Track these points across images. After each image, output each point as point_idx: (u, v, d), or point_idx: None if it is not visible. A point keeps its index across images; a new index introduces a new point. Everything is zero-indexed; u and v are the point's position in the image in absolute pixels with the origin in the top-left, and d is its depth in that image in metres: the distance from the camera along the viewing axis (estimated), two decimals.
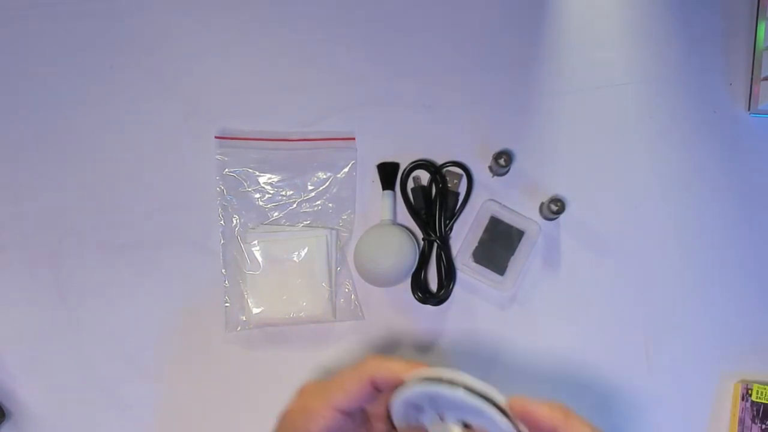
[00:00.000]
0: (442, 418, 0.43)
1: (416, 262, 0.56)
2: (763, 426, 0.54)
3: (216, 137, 0.58)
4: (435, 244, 0.56)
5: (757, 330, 0.56)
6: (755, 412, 0.54)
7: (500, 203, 0.57)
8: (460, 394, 0.39)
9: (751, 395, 0.54)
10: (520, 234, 0.56)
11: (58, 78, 0.59)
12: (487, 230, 0.56)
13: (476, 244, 0.56)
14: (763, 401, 0.54)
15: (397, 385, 0.43)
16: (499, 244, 0.56)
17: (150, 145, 0.58)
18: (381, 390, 0.46)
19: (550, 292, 0.57)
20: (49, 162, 0.58)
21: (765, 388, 0.54)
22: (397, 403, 0.43)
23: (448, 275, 0.56)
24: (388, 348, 0.57)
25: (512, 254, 0.56)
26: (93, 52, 0.59)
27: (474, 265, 0.56)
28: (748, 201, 0.57)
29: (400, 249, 0.55)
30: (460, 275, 0.57)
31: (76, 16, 0.59)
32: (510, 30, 0.59)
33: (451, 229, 0.57)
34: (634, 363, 0.56)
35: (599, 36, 0.59)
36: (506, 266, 0.56)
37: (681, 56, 0.58)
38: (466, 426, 0.42)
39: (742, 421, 0.54)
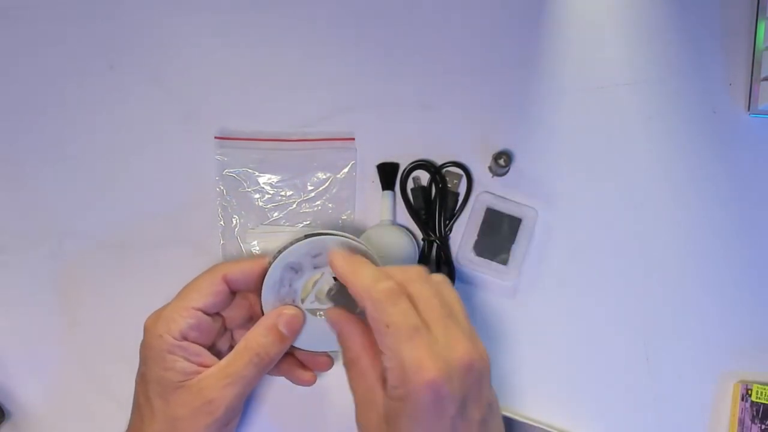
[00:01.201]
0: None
1: (416, 263, 0.56)
2: (763, 426, 0.54)
3: (216, 137, 0.58)
4: (435, 245, 0.56)
5: (756, 330, 0.56)
6: (755, 413, 0.54)
7: (494, 194, 0.57)
8: (342, 238, 0.48)
9: (750, 395, 0.54)
10: (517, 221, 0.56)
11: (57, 78, 0.59)
12: (484, 222, 0.56)
13: (476, 237, 0.56)
14: (762, 401, 0.54)
15: (248, 276, 0.49)
16: (499, 234, 0.56)
17: (150, 146, 0.58)
18: (235, 288, 0.49)
19: (549, 294, 0.57)
20: (49, 162, 0.58)
21: (765, 389, 0.54)
22: (275, 271, 0.48)
23: (447, 275, 0.56)
24: None
25: (513, 242, 0.56)
26: (93, 53, 0.59)
27: (477, 258, 0.56)
28: (747, 201, 0.57)
29: (399, 249, 0.55)
30: (463, 271, 0.57)
31: (76, 16, 0.59)
32: (510, 30, 0.59)
33: (450, 229, 0.57)
34: (634, 363, 0.56)
35: (599, 36, 0.59)
36: (508, 255, 0.56)
37: (681, 56, 0.58)
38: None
39: (741, 422, 0.54)
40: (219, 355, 0.49)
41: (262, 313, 0.50)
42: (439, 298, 0.43)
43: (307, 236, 0.49)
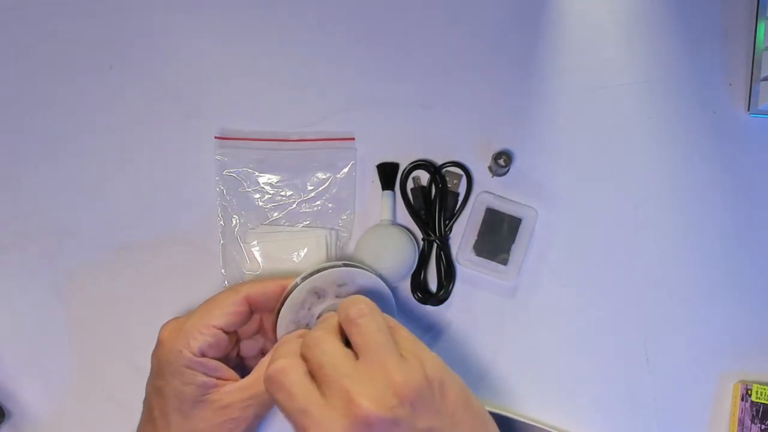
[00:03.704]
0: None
1: (416, 263, 0.56)
2: (763, 426, 0.54)
3: (216, 137, 0.58)
4: (435, 245, 0.56)
5: (756, 330, 0.56)
6: (755, 413, 0.54)
7: (494, 194, 0.57)
8: (370, 274, 0.50)
9: (750, 395, 0.54)
10: (517, 222, 0.56)
11: (57, 78, 0.59)
12: (484, 222, 0.56)
13: (476, 237, 0.56)
14: (762, 401, 0.54)
15: (269, 297, 0.49)
16: (499, 235, 0.56)
17: (150, 145, 0.58)
18: (255, 308, 0.49)
19: (549, 294, 0.57)
20: (49, 162, 0.58)
21: (764, 389, 0.54)
22: (300, 292, 0.48)
23: (447, 275, 0.56)
24: None
25: (513, 242, 0.56)
26: (93, 52, 0.59)
27: (476, 258, 0.56)
28: (747, 201, 0.57)
29: (399, 249, 0.55)
30: (463, 271, 0.57)
31: (76, 16, 0.59)
32: (510, 30, 0.59)
33: (450, 229, 0.57)
34: (634, 363, 0.56)
35: (599, 36, 0.59)
36: (508, 255, 0.56)
37: (681, 56, 0.58)
38: None
39: (741, 422, 0.54)
40: (228, 363, 0.49)
41: (274, 331, 0.49)
42: (338, 353, 0.42)
43: (346, 265, 0.49)
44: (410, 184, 0.57)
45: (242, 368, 0.52)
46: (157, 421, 0.48)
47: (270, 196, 0.57)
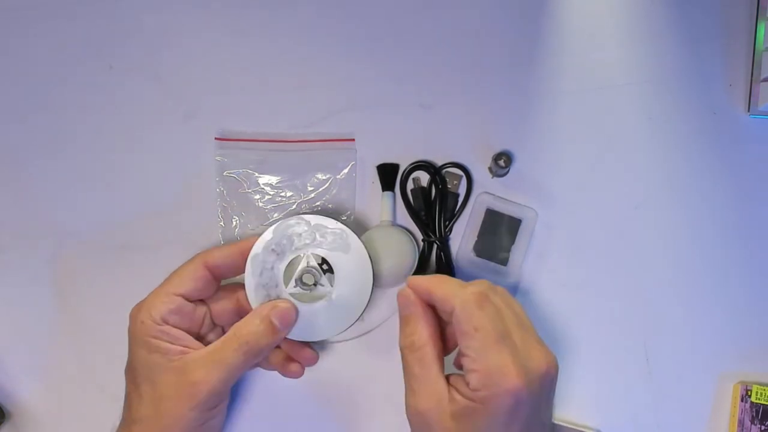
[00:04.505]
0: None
1: (416, 264, 0.56)
2: (763, 427, 0.54)
3: (216, 138, 0.58)
4: (435, 245, 0.56)
5: (756, 331, 0.56)
6: (755, 413, 0.54)
7: (494, 194, 0.57)
8: (320, 217, 0.51)
9: (750, 396, 0.54)
10: (517, 222, 0.56)
11: (57, 78, 0.59)
12: (484, 223, 0.56)
13: (476, 238, 0.56)
14: (762, 402, 0.54)
15: (231, 262, 0.50)
16: (499, 235, 0.56)
17: (150, 146, 0.58)
18: (218, 274, 0.51)
19: (549, 294, 0.57)
20: (49, 162, 0.58)
21: (764, 389, 0.54)
22: (256, 254, 0.50)
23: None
24: (388, 349, 0.57)
25: (513, 243, 0.56)
26: (93, 53, 0.59)
27: (476, 259, 0.56)
28: (747, 201, 0.57)
29: (399, 250, 0.55)
30: (463, 271, 0.57)
31: (76, 16, 0.59)
32: (510, 30, 0.59)
33: (450, 230, 0.57)
34: (634, 363, 0.56)
35: (599, 36, 0.59)
36: (508, 256, 0.56)
37: (681, 57, 0.58)
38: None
39: (741, 422, 0.54)
40: (206, 341, 0.50)
41: (247, 298, 0.50)
42: (510, 308, 0.44)
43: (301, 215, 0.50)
44: (410, 185, 0.57)
45: None
46: (130, 396, 0.49)
47: (270, 197, 0.57)
